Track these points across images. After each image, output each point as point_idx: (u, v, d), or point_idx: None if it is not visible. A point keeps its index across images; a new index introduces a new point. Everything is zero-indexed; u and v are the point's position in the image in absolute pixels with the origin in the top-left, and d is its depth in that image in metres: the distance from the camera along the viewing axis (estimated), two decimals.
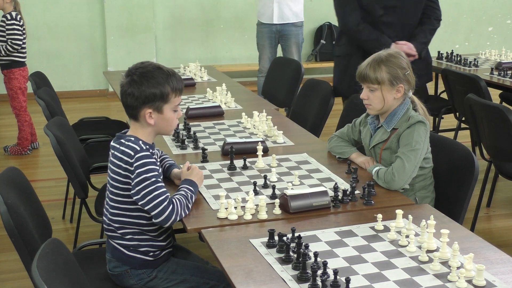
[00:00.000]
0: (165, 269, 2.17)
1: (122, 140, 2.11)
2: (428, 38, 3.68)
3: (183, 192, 2.12)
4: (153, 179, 2.03)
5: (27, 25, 6.98)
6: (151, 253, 2.16)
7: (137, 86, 2.08)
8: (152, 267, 2.16)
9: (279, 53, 6.09)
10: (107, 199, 2.18)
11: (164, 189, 2.06)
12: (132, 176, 2.05)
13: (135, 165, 2.04)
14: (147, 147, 2.10)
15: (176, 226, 2.94)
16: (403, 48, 3.51)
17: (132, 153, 2.05)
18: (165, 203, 2.02)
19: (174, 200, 2.06)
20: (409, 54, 3.49)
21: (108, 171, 2.15)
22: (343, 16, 3.63)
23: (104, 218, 2.20)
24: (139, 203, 2.05)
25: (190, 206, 2.10)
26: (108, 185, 2.16)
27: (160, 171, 2.12)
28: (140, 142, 2.09)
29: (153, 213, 2.03)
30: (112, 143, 2.15)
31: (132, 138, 2.10)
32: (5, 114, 6.34)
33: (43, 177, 4.65)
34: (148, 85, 2.08)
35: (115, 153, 2.11)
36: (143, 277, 2.15)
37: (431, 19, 3.69)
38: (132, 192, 2.05)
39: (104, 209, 2.20)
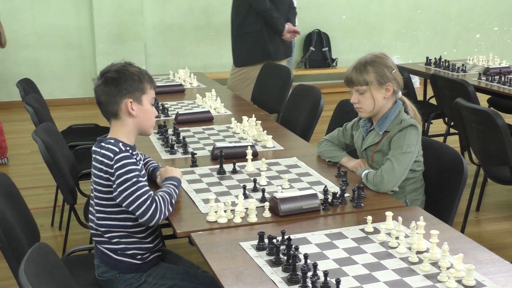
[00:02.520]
0: (154, 273, 2.16)
1: (103, 144, 2.11)
2: (295, 19, 5.02)
3: (165, 189, 2.13)
4: (134, 179, 2.03)
5: (15, 32, 7.04)
6: (139, 256, 2.14)
7: (114, 81, 2.12)
8: (141, 271, 2.15)
9: None
10: (92, 204, 2.16)
11: (147, 188, 2.05)
12: (113, 179, 2.04)
13: (115, 167, 2.03)
14: (128, 148, 2.09)
15: (166, 232, 2.93)
16: (292, 28, 4.82)
17: (112, 155, 2.05)
18: (148, 202, 2.02)
19: (157, 197, 2.05)
20: (296, 31, 4.84)
21: (92, 175, 2.14)
22: (259, 1, 4.66)
23: (90, 223, 2.19)
24: (123, 205, 2.04)
25: (173, 202, 2.11)
26: (92, 189, 2.15)
27: (143, 172, 2.12)
28: (120, 144, 2.09)
29: (137, 213, 2.03)
30: (93, 148, 2.15)
31: (112, 141, 2.10)
32: None
33: (31, 185, 4.61)
34: (125, 78, 2.12)
35: (97, 157, 2.10)
36: (132, 282, 2.13)
37: (292, 7, 5.01)
38: (115, 194, 2.04)
39: (90, 214, 2.19)
